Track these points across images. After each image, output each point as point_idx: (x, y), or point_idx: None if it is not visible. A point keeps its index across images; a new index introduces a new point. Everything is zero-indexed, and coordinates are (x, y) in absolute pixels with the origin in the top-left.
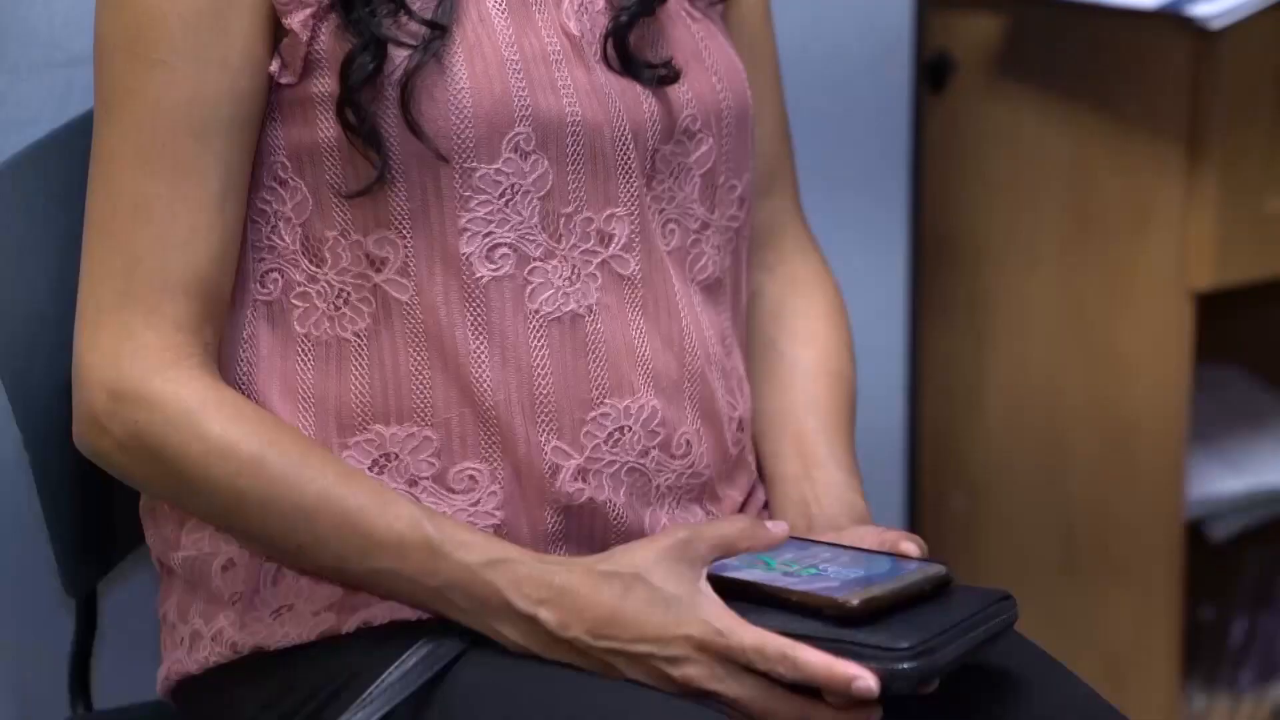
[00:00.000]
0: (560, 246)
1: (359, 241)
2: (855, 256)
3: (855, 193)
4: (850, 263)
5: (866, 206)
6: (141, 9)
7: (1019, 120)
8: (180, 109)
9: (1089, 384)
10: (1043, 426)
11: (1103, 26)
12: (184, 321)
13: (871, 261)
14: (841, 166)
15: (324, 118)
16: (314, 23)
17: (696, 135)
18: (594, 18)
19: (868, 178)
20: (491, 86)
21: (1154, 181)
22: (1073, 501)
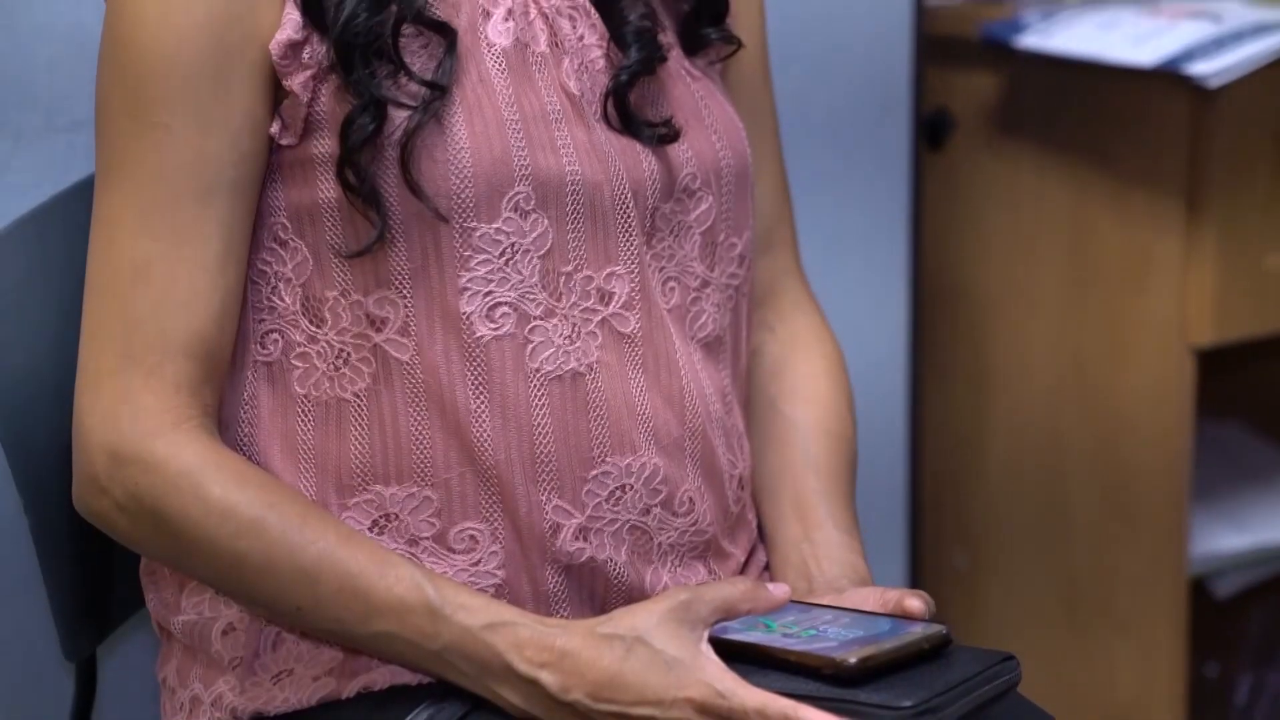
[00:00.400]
0: (560, 305)
1: (359, 301)
2: (856, 310)
3: (855, 248)
4: (851, 316)
5: (867, 261)
6: (142, 72)
7: (1018, 176)
8: (181, 171)
9: (1090, 439)
10: (1044, 481)
11: (1101, 84)
12: (184, 383)
13: (872, 315)
14: (841, 222)
15: (324, 178)
16: (314, 84)
17: (696, 193)
18: (594, 77)
19: (868, 233)
20: (491, 146)
21: (1153, 238)
22: (1075, 557)
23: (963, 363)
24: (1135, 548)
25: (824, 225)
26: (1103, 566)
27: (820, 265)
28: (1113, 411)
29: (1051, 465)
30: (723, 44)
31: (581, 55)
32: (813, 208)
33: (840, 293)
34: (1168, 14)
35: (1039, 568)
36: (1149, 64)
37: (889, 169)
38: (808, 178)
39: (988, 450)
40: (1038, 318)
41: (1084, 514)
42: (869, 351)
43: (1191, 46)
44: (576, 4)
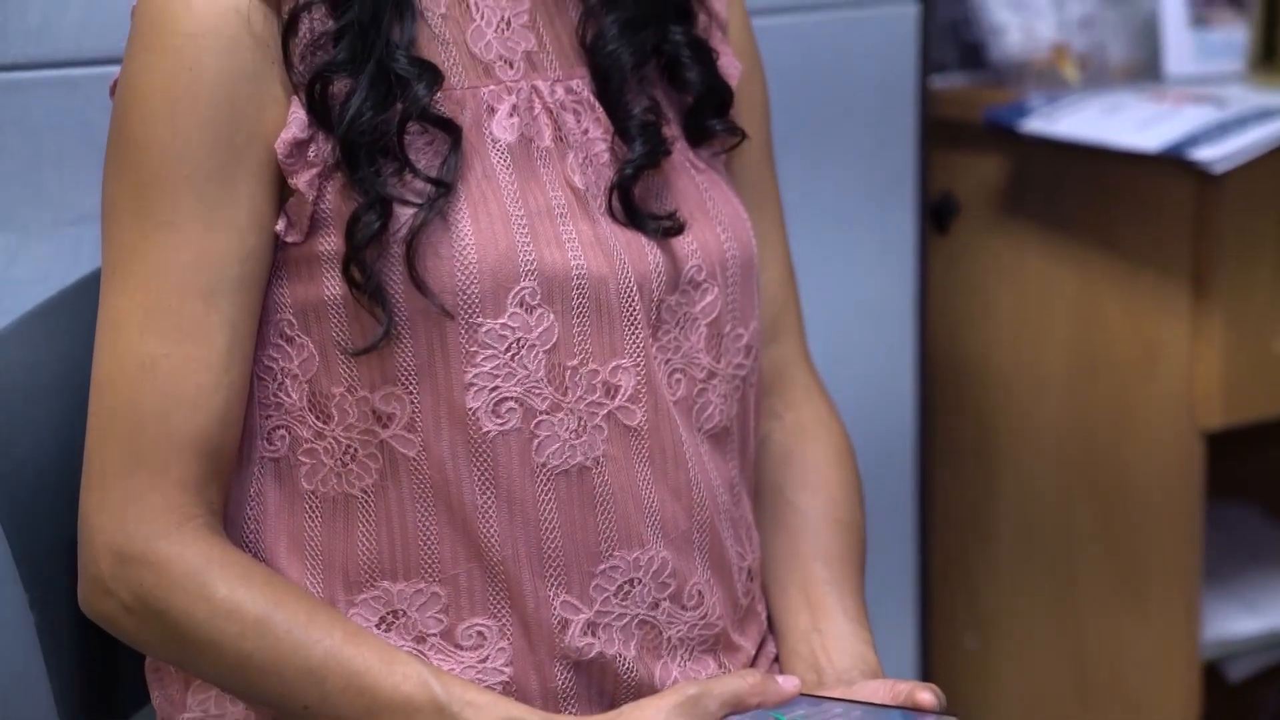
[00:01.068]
0: (566, 399)
1: (365, 398)
2: (865, 391)
3: (863, 330)
4: (860, 397)
5: (875, 342)
6: (148, 171)
7: (1025, 258)
8: (187, 270)
9: (1100, 521)
10: (1054, 562)
11: (1107, 167)
12: (190, 482)
13: (880, 396)
14: (849, 304)
15: (330, 275)
16: (320, 182)
17: (702, 285)
18: (598, 170)
19: (875, 315)
20: (496, 242)
21: (1161, 320)
22: (1086, 639)
23: (971, 444)
24: (1147, 630)
25: (832, 307)
26: (1114, 649)
27: (828, 347)
28: (1122, 493)
29: (1062, 546)
30: (727, 135)
31: (586, 149)
32: (820, 291)
33: (849, 374)
34: (1172, 99)
35: (1051, 649)
36: (1154, 149)
37: (895, 252)
38: (814, 262)
39: (997, 531)
40: (1046, 399)
41: (1095, 596)
42: (878, 431)
43: (1196, 132)
44: (581, 98)
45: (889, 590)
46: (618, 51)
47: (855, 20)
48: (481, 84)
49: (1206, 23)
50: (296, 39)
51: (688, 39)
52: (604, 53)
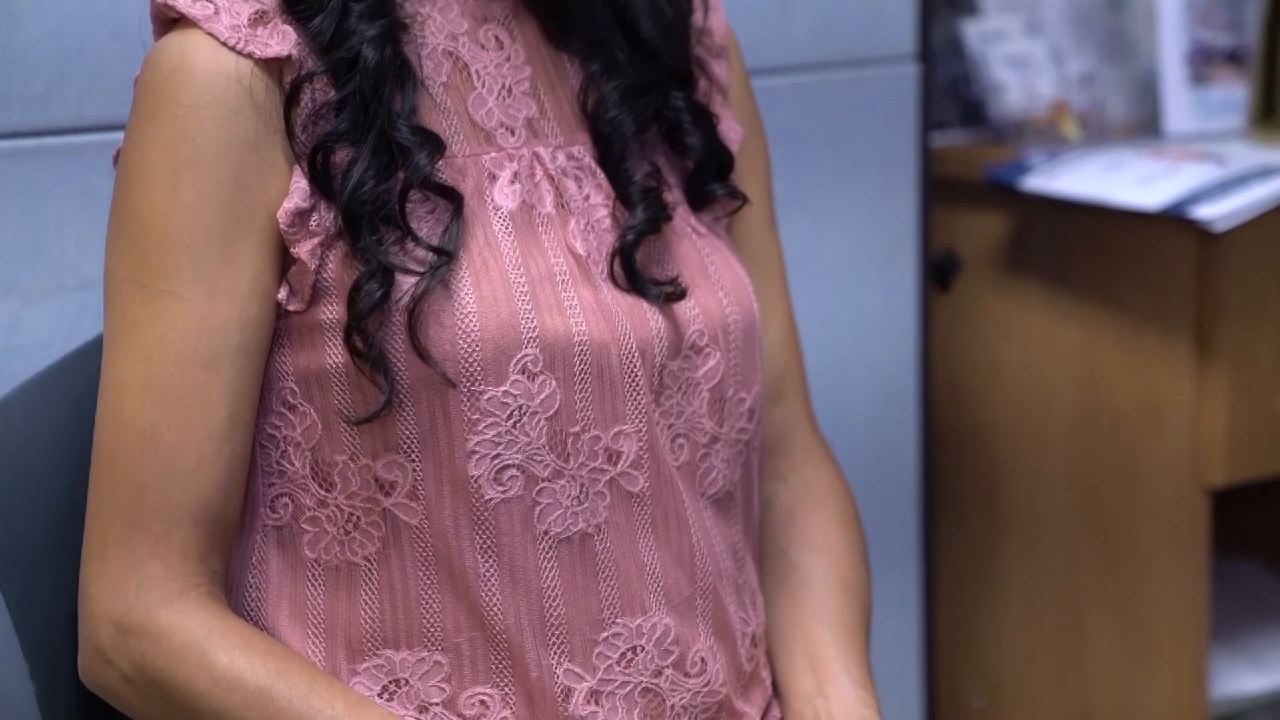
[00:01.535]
0: (568, 466)
1: (368, 465)
2: (866, 453)
3: (866, 390)
4: (861, 459)
5: (878, 402)
6: (150, 240)
7: (1027, 315)
8: (188, 339)
9: (1106, 578)
10: (1061, 620)
11: (1108, 224)
12: (191, 550)
13: (885, 454)
14: (852, 365)
15: (332, 344)
16: (322, 251)
17: (704, 350)
18: (600, 236)
19: (878, 374)
20: (498, 310)
21: (1164, 378)
22: (1094, 698)
23: (976, 501)
24: (1154, 688)
25: (835, 366)
26: (1122, 707)
27: (832, 405)
28: (1128, 550)
29: (1068, 603)
30: (728, 199)
31: (588, 215)
32: (823, 349)
33: (852, 432)
34: (1172, 156)
35: (1057, 707)
36: (1155, 208)
37: (898, 310)
38: (818, 320)
39: (1003, 588)
40: (1050, 456)
41: (1102, 654)
42: (882, 489)
43: (1197, 190)
44: (582, 164)
45: (894, 649)
46: (619, 118)
47: (856, 80)
48: (483, 151)
49: (1206, 80)
50: (298, 109)
51: (688, 105)
52: (605, 119)
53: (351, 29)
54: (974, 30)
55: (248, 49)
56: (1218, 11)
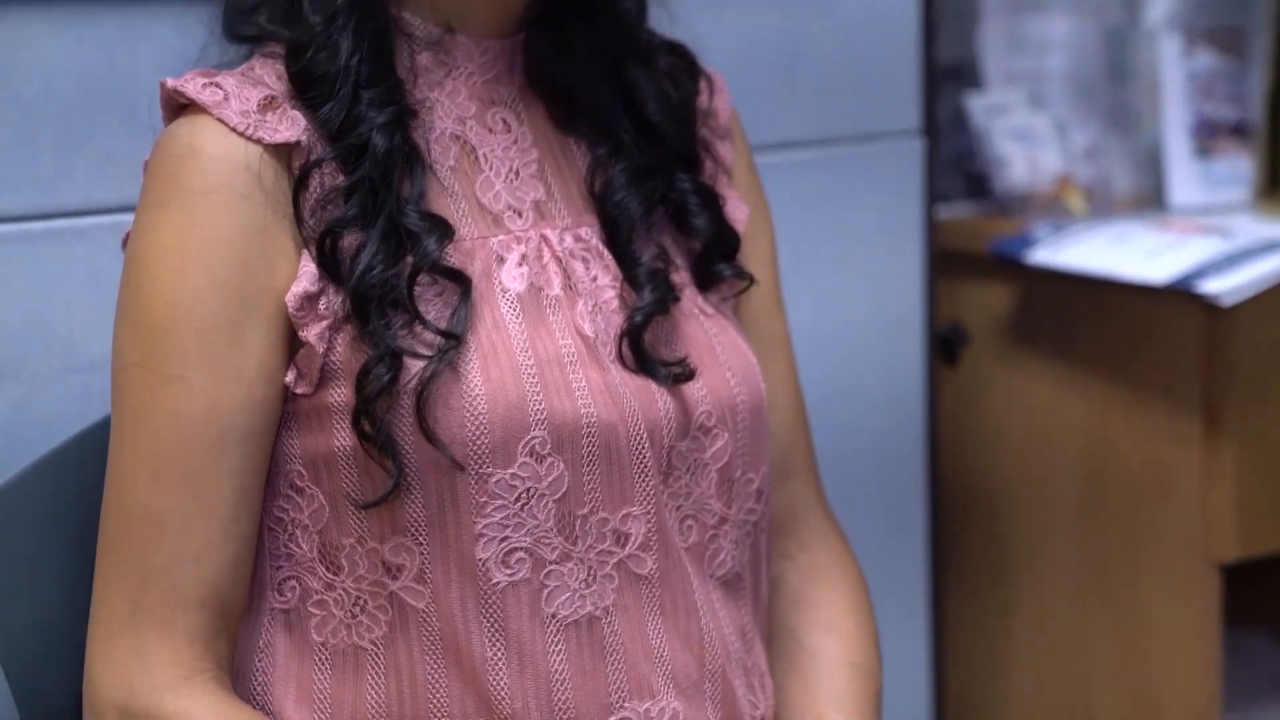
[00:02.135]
0: (576, 548)
1: (375, 549)
2: (875, 525)
3: (872, 464)
4: (870, 532)
5: (884, 477)
6: (158, 324)
7: (1034, 389)
8: (195, 423)
9: (1115, 651)
10: (1069, 695)
11: (1114, 298)
12: (197, 635)
13: (891, 530)
14: (858, 441)
15: (340, 427)
16: (330, 334)
17: (712, 431)
18: (608, 318)
19: (884, 449)
20: (506, 392)
21: (1172, 452)
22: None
23: (984, 577)
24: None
25: (840, 444)
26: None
27: (837, 484)
28: (1138, 624)
29: (1077, 678)
30: (735, 280)
31: (595, 297)
32: (830, 424)
33: (858, 509)
34: (1178, 229)
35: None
36: (1161, 282)
37: (904, 384)
38: (822, 398)
39: (1012, 663)
40: (1058, 530)
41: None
42: (890, 565)
43: (1203, 264)
44: (589, 246)
45: (903, 719)
46: (626, 201)
47: (861, 154)
48: (490, 234)
49: (1210, 153)
50: (307, 193)
51: (694, 187)
52: (612, 202)
53: (361, 116)
54: (978, 104)
55: (257, 134)
56: (1221, 85)
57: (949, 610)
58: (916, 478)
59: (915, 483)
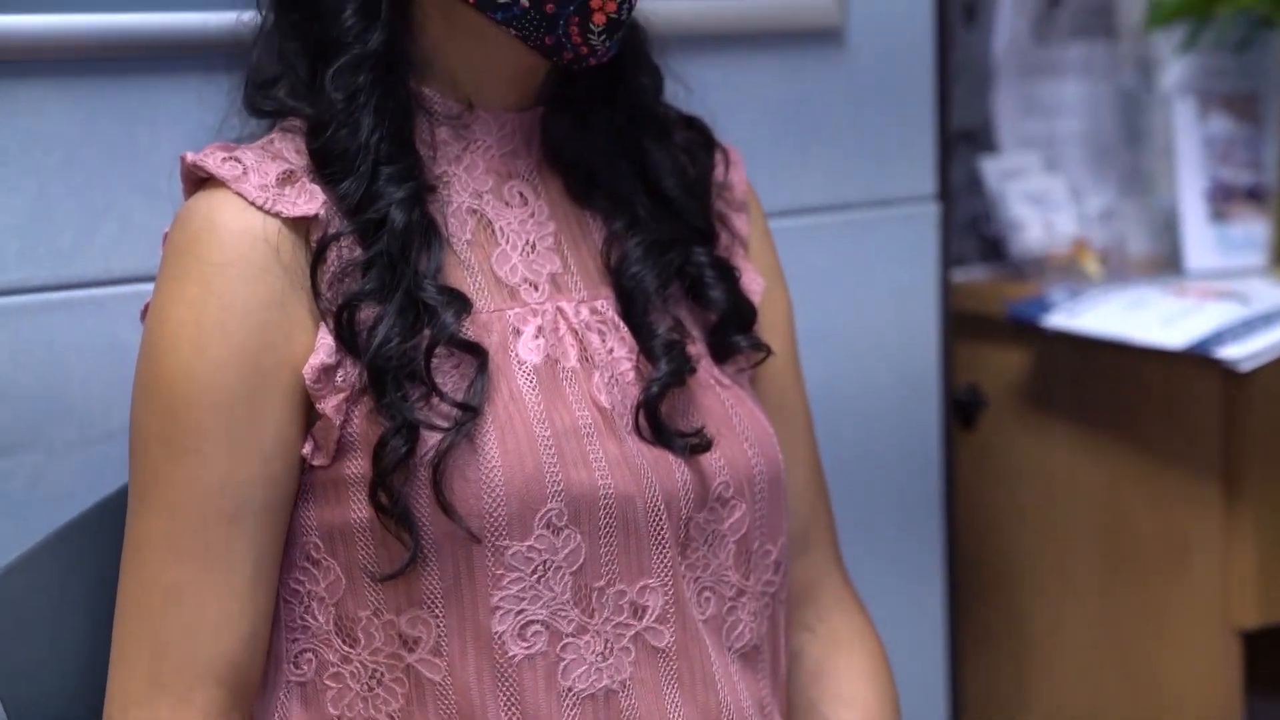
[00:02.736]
0: (593, 621)
1: (392, 621)
2: (892, 590)
3: (889, 528)
4: (888, 596)
5: (902, 541)
6: (175, 396)
7: (1052, 453)
8: (212, 495)
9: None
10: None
11: (1132, 362)
12: (213, 709)
13: (909, 595)
14: (876, 504)
15: (357, 499)
16: (347, 406)
17: (730, 502)
18: (624, 389)
19: (902, 513)
20: (524, 464)
21: (1191, 518)
22: None
23: (1002, 643)
24: None
25: (858, 509)
26: None
27: (855, 549)
28: (1157, 694)
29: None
30: (752, 351)
31: (611, 368)
32: (846, 492)
33: (876, 574)
34: (1195, 294)
35: None
36: (1178, 347)
37: (921, 449)
38: (839, 464)
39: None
40: (1076, 597)
41: None
42: (908, 632)
43: (1221, 329)
44: (605, 318)
45: None
46: (642, 274)
47: (876, 219)
48: (507, 306)
49: (1226, 217)
50: (324, 266)
51: (710, 259)
52: (628, 275)
53: (380, 191)
54: (993, 167)
55: (275, 208)
56: (1236, 149)
57: (967, 676)
58: (934, 542)
59: (933, 547)
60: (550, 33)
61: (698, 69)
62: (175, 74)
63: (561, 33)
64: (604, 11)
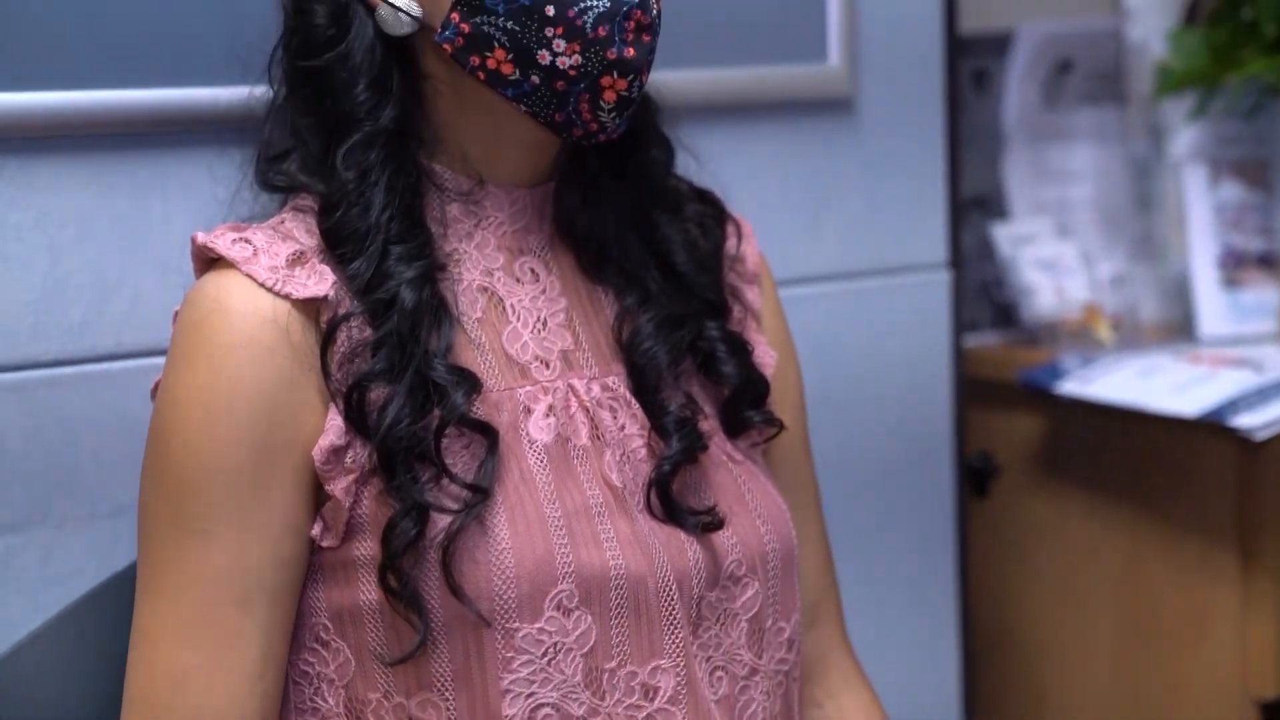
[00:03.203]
0: (604, 704)
1: (402, 704)
2: (906, 659)
3: (904, 597)
4: (902, 665)
5: (916, 610)
6: (185, 478)
7: (1067, 521)
8: (221, 578)
9: None
10: None
11: (1146, 429)
12: None
13: (924, 664)
14: (889, 572)
15: (366, 581)
16: (356, 488)
17: (742, 580)
18: (635, 467)
19: (916, 582)
20: (534, 546)
21: (1209, 588)
22: None
23: (1017, 713)
24: None
25: (871, 576)
26: None
27: (869, 617)
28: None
29: None
30: (765, 425)
31: (623, 446)
32: (859, 559)
33: (890, 642)
34: (1208, 361)
35: None
36: (1192, 415)
37: (934, 516)
38: (852, 531)
39: None
40: (1093, 667)
41: None
42: (922, 704)
43: (1235, 397)
44: (617, 395)
45: None
46: (653, 349)
47: (888, 287)
48: (518, 384)
49: (1238, 284)
50: (334, 347)
51: (722, 334)
52: (640, 351)
53: (390, 271)
54: (1004, 233)
55: (285, 289)
56: (1247, 216)
57: None
58: (948, 610)
59: (947, 615)
60: (561, 110)
61: (710, 139)
62: (188, 148)
63: (572, 110)
64: (614, 89)
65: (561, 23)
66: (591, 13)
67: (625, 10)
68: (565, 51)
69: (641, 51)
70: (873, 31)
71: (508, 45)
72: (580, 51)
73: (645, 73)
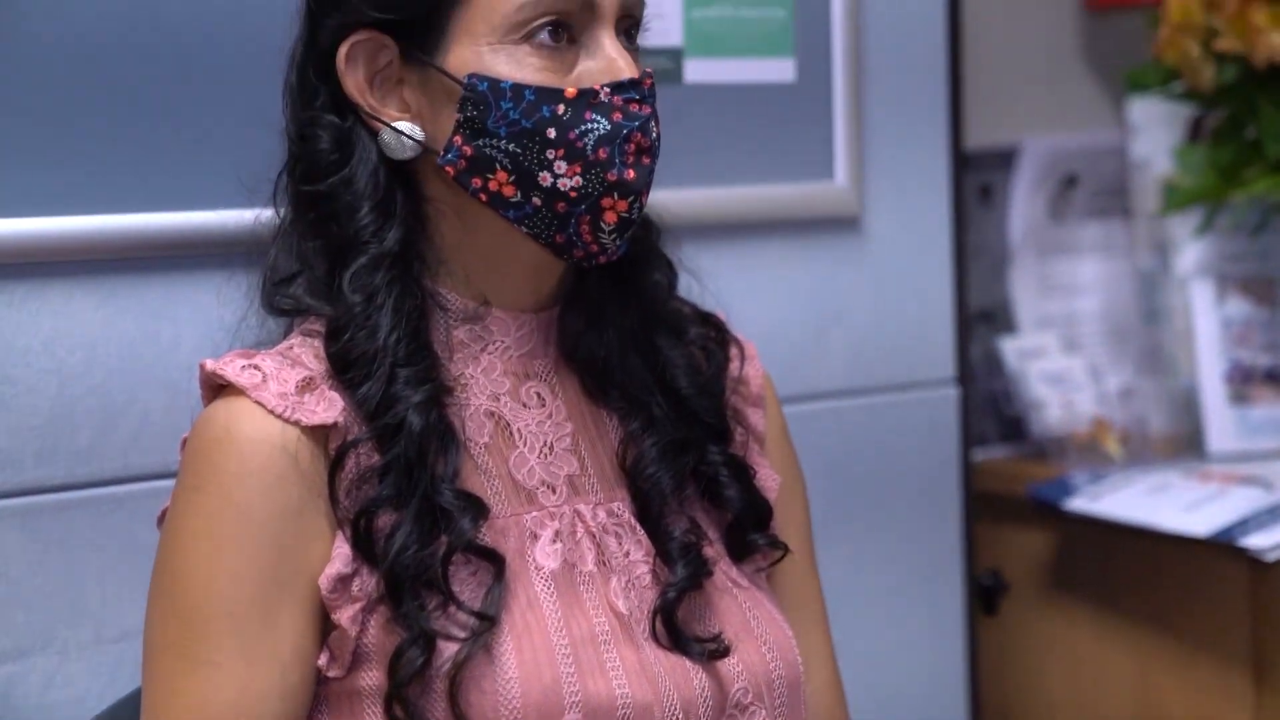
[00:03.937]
0: None
1: None
2: None
3: (913, 717)
4: None
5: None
6: (192, 608)
7: (1076, 638)
8: (227, 709)
9: None
10: None
11: (1156, 547)
12: None
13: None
14: (899, 689)
15: (372, 711)
16: (363, 616)
17: (749, 708)
18: (641, 593)
19: (925, 700)
20: (541, 675)
21: (1223, 707)
22: None
23: None
24: None
25: (881, 693)
26: None
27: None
28: None
29: None
30: (769, 549)
31: (628, 572)
32: (869, 675)
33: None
34: (1218, 479)
35: None
36: (1203, 535)
37: (944, 633)
38: (862, 655)
39: None
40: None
41: None
42: None
43: (1245, 516)
44: (622, 521)
45: None
46: (657, 475)
47: (896, 403)
48: (524, 510)
49: (1246, 400)
50: (343, 474)
51: (725, 458)
52: (644, 476)
53: (398, 395)
54: (1012, 347)
55: (294, 416)
56: (1254, 332)
57: None
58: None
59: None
60: (561, 231)
61: (720, 256)
62: (195, 272)
63: (573, 231)
64: (615, 210)
65: (563, 145)
66: (592, 135)
67: (625, 133)
68: (566, 173)
69: (641, 173)
70: (879, 149)
71: (509, 167)
72: (581, 173)
73: (645, 194)
